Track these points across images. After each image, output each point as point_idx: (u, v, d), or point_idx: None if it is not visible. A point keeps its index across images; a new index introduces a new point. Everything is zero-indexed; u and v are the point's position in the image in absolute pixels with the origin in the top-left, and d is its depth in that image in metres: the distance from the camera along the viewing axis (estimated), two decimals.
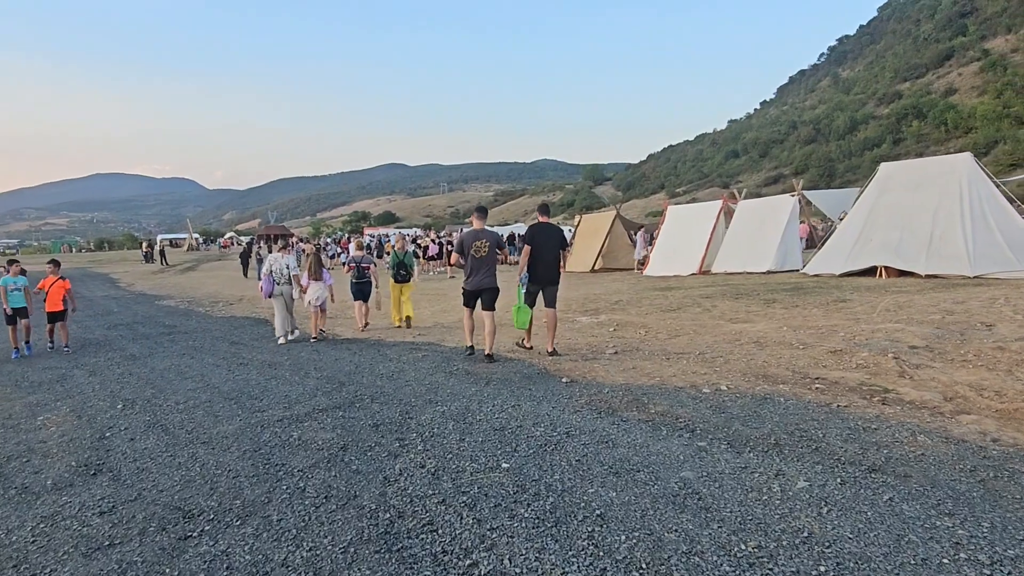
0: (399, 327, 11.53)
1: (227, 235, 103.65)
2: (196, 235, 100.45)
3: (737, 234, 18.63)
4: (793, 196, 17.71)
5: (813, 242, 21.28)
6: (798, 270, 17.12)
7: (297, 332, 10.52)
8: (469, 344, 8.02)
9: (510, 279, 10.01)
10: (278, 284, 10.01)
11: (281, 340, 10.02)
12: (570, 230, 47.01)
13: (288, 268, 10.07)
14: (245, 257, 30.07)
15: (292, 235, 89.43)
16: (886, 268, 13.42)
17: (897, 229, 13.60)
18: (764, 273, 17.00)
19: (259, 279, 25.79)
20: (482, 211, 8.23)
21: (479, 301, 7.89)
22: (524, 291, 7.92)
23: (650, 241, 29.99)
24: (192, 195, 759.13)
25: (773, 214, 17.81)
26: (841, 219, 17.72)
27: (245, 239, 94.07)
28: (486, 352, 7.69)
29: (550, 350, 7.93)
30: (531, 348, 8.27)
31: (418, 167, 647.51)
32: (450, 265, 24.80)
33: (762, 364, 6.81)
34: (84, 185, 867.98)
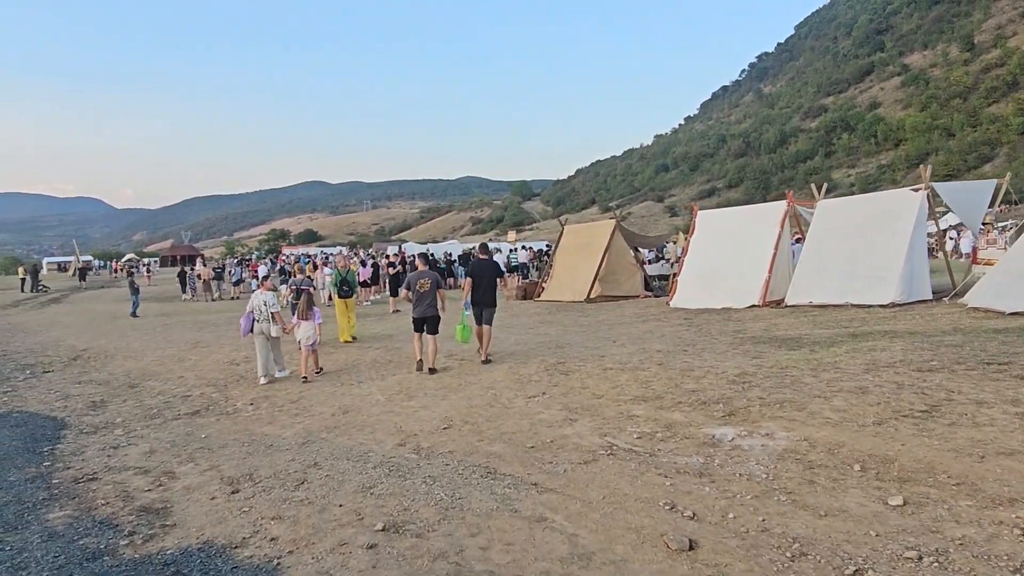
0: (348, 342, 11.75)
1: (125, 257, 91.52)
2: (90, 257, 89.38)
3: (821, 250, 12.79)
4: (919, 191, 11.94)
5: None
6: (931, 300, 11.47)
7: (287, 371, 9.40)
8: (418, 359, 8.89)
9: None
10: (257, 322, 9.01)
11: (263, 381, 8.89)
12: (514, 248, 40.61)
13: (267, 305, 9.06)
14: (133, 287, 21.29)
15: (201, 255, 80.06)
16: None
17: None
18: (887, 307, 11.21)
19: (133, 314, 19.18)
20: (424, 256, 10.06)
21: (424, 327, 8.85)
22: (467, 313, 9.26)
23: (658, 257, 24.18)
24: (99, 215, 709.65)
25: (886, 218, 11.99)
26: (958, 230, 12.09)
27: (150, 261, 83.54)
28: (429, 367, 8.72)
29: (483, 359, 9.19)
30: (488, 361, 9.14)
31: (340, 184, 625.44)
32: (392, 298, 18.34)
33: None
34: None
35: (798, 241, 14.83)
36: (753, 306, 13.12)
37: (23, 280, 38.76)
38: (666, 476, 4.49)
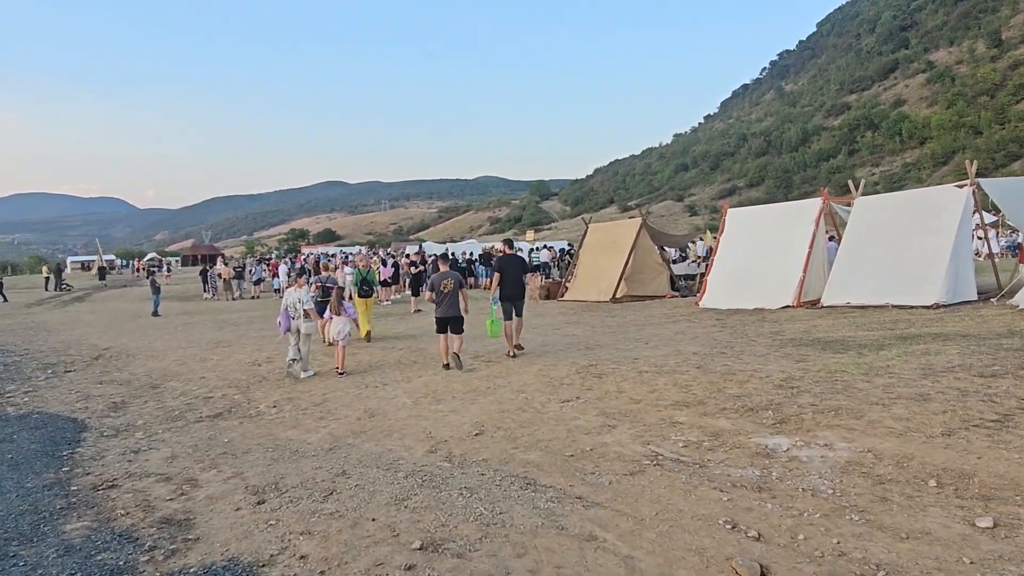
0: (368, 342, 11.58)
1: (147, 257, 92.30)
2: (113, 256, 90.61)
3: (860, 248, 12.35)
4: (965, 187, 11.49)
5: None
6: (976, 301, 11.01)
7: (312, 372, 9.23)
8: (445, 362, 8.90)
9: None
10: (293, 319, 9.15)
11: (290, 369, 9.17)
12: (536, 247, 40.16)
13: (301, 302, 9.14)
14: (154, 286, 21.27)
15: (221, 254, 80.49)
16: None
17: None
18: (931, 308, 10.76)
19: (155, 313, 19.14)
20: (444, 257, 10.53)
21: (448, 327, 8.90)
22: (496, 308, 9.44)
23: (681, 256, 23.72)
24: (122, 215, 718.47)
25: (930, 215, 11.55)
26: (984, 230, 11.60)
27: (171, 260, 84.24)
28: (454, 351, 8.81)
29: (516, 342, 9.57)
30: (514, 356, 9.32)
31: (358, 184, 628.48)
32: (414, 297, 18.02)
33: None
34: (2, 205, 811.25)
35: (831, 239, 14.39)
36: (787, 307, 12.70)
37: (47, 279, 39.18)
38: (721, 490, 4.16)
